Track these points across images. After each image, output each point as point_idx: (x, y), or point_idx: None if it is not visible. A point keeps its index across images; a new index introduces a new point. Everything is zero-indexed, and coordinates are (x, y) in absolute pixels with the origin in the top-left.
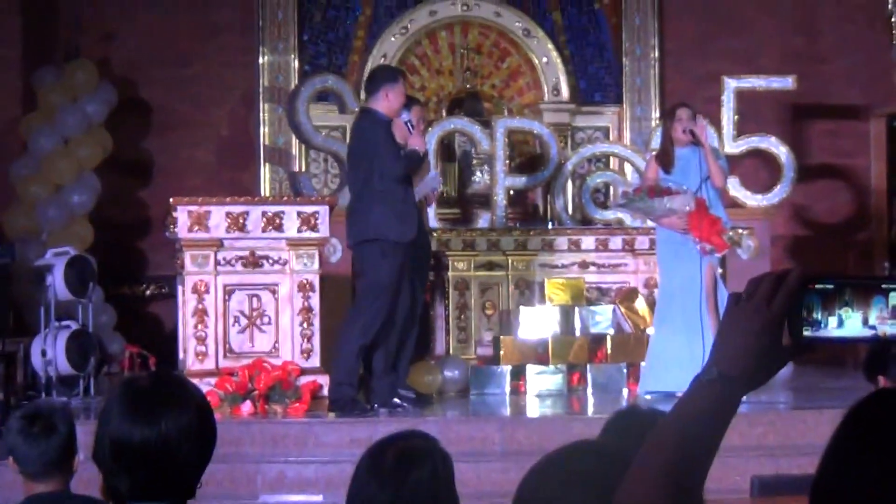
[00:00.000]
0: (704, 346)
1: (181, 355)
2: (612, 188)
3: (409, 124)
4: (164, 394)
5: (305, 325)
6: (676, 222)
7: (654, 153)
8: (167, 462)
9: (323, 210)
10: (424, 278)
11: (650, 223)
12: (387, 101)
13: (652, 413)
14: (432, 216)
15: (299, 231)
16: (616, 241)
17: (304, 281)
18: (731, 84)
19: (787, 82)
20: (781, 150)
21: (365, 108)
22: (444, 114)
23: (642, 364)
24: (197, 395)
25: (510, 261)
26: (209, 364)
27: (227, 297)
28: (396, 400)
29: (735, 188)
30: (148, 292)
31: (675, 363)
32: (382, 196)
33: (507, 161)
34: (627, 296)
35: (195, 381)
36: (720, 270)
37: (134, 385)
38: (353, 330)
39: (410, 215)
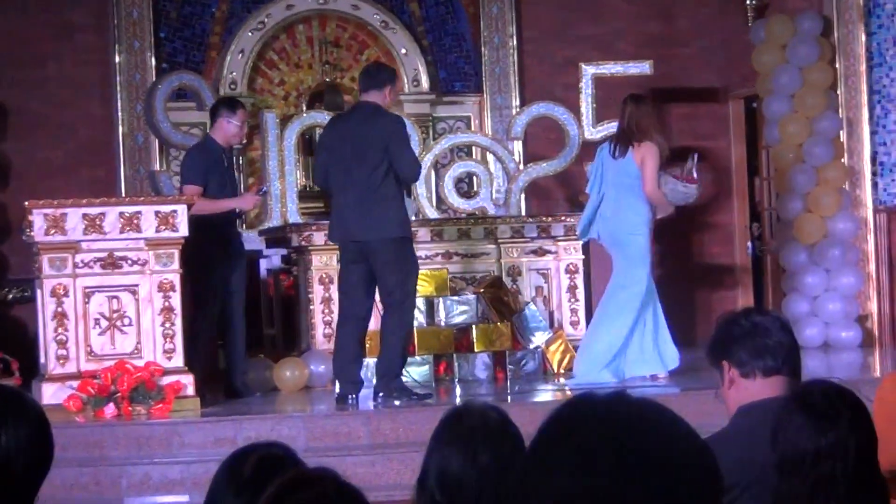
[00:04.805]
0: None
1: (42, 359)
2: (475, 178)
3: None
4: (1, 407)
5: (167, 325)
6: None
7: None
8: (5, 475)
9: (181, 209)
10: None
11: (512, 211)
12: (388, 99)
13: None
14: (295, 211)
15: (157, 231)
16: (478, 231)
17: (165, 281)
18: (588, 71)
19: (644, 67)
20: None
21: (374, 104)
22: (304, 108)
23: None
24: (35, 408)
25: None
26: (71, 367)
27: (86, 300)
28: None
29: None
30: (10, 296)
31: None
32: (397, 192)
33: None
34: (491, 284)
35: (57, 385)
36: (582, 256)
37: None
38: (403, 322)
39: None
